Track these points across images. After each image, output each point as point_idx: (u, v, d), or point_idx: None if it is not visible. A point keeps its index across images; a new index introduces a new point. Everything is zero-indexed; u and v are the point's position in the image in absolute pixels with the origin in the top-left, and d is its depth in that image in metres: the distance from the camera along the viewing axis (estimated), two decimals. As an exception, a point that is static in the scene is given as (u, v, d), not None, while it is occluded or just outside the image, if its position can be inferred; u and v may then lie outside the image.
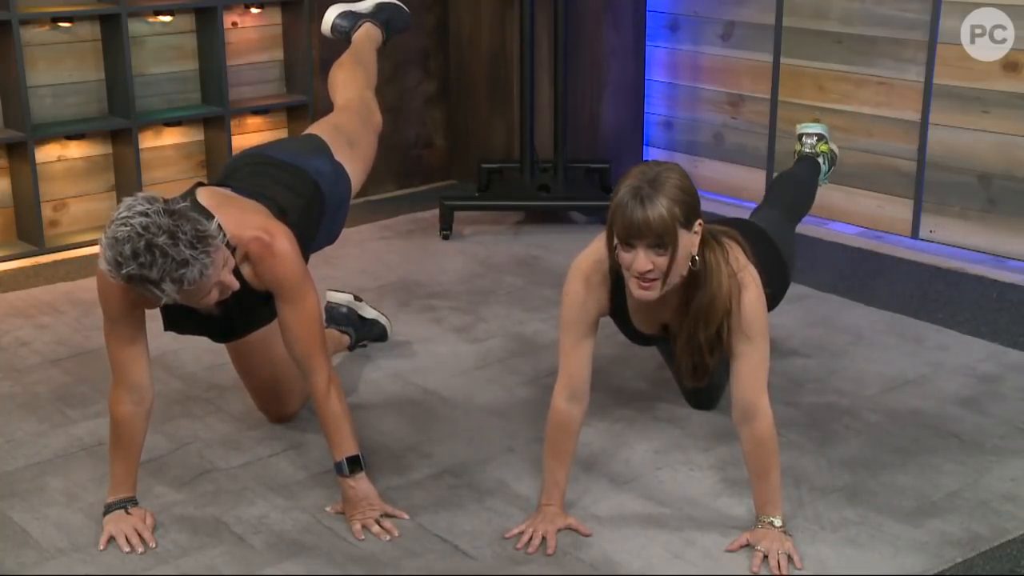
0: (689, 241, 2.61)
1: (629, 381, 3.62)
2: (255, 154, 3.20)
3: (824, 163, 3.91)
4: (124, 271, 2.53)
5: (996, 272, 4.48)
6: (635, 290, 2.64)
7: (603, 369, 3.55)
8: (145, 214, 2.52)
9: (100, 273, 2.74)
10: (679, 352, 2.84)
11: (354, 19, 3.78)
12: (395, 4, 3.86)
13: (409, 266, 4.64)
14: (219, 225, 2.69)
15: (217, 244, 2.61)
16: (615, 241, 2.61)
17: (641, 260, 2.58)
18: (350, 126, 3.43)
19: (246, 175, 3.05)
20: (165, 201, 2.59)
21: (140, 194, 2.61)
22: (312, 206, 3.06)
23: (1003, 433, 3.30)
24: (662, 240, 2.55)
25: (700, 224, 2.64)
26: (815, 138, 3.92)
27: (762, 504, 2.77)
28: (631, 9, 5.52)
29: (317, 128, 3.40)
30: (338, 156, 3.26)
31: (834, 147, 3.98)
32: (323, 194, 3.12)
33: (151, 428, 3.20)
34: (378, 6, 3.83)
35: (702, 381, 2.95)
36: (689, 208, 2.58)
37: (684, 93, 5.56)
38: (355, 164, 3.33)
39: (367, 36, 3.77)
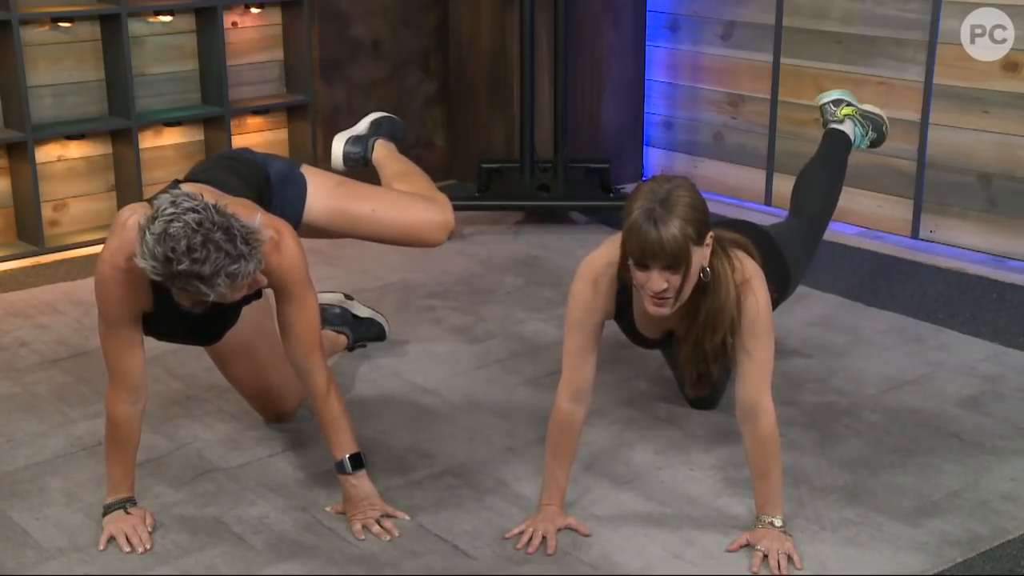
0: (701, 255, 2.63)
1: (629, 381, 3.62)
2: (224, 151, 3.19)
3: (856, 127, 3.68)
4: (176, 267, 2.47)
5: (996, 272, 4.48)
6: (649, 307, 2.67)
7: (603, 369, 3.53)
8: (195, 210, 2.49)
9: (99, 273, 2.74)
10: (684, 361, 2.86)
11: (364, 144, 3.60)
12: (388, 116, 3.73)
13: (409, 266, 4.64)
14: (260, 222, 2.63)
15: (262, 240, 2.58)
16: (629, 260, 2.62)
17: (655, 280, 2.60)
18: (364, 187, 3.28)
19: (208, 167, 3.04)
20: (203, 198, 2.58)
21: (178, 191, 2.58)
22: (261, 198, 3.00)
23: (1003, 433, 3.30)
24: (676, 261, 2.57)
25: (711, 236, 2.65)
26: (834, 105, 3.70)
27: (763, 503, 2.77)
28: (631, 9, 5.53)
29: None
30: (306, 172, 3.17)
31: (868, 108, 3.73)
32: (272, 187, 3.07)
33: (151, 428, 3.21)
34: (375, 123, 3.68)
35: (704, 390, 2.97)
36: (700, 224, 2.60)
37: (684, 93, 5.56)
38: (326, 195, 3.16)
39: (389, 150, 3.61)
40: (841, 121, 3.70)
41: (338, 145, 3.60)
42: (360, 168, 3.61)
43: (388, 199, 3.31)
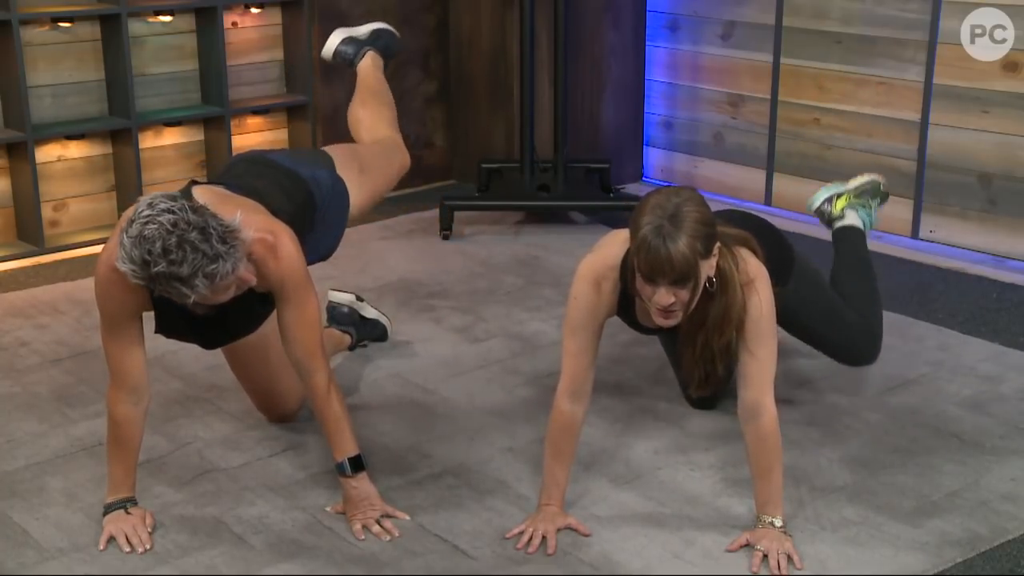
0: (708, 266, 2.63)
1: (629, 381, 3.62)
2: (254, 155, 3.18)
3: (858, 212, 3.56)
4: (154, 270, 2.48)
5: (996, 272, 4.48)
6: (657, 319, 2.68)
7: (603, 369, 3.54)
8: (171, 211, 2.49)
9: (98, 274, 2.74)
10: (690, 361, 2.86)
11: (357, 47, 3.71)
12: (390, 30, 3.82)
13: (409, 266, 4.64)
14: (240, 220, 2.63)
15: (242, 238, 2.58)
16: (637, 274, 2.62)
17: (663, 295, 2.60)
18: (370, 156, 3.38)
19: (241, 173, 3.03)
20: (183, 198, 2.57)
21: (158, 193, 2.58)
22: (303, 213, 3.01)
23: (1003, 433, 3.30)
24: (685, 277, 2.57)
25: (717, 247, 2.65)
26: (828, 204, 3.58)
27: (763, 503, 2.77)
28: (631, 9, 5.53)
29: (332, 148, 3.34)
30: (342, 174, 3.21)
31: (856, 182, 3.63)
32: (315, 204, 3.07)
33: (151, 428, 3.20)
34: (375, 32, 3.76)
35: (709, 390, 2.97)
36: (708, 239, 2.60)
37: (684, 93, 5.56)
38: (360, 189, 3.25)
39: (375, 67, 3.69)
40: (842, 216, 3.56)
41: (335, 39, 3.74)
42: (343, 68, 3.76)
43: (383, 159, 3.45)
